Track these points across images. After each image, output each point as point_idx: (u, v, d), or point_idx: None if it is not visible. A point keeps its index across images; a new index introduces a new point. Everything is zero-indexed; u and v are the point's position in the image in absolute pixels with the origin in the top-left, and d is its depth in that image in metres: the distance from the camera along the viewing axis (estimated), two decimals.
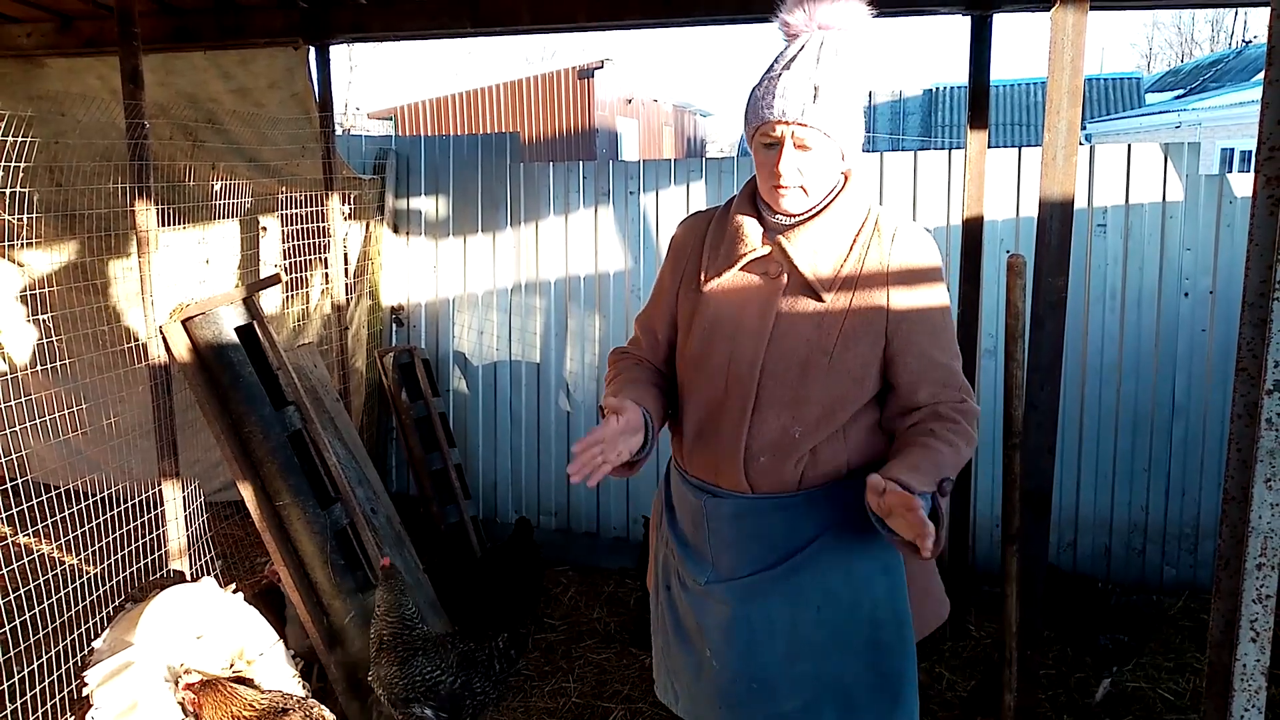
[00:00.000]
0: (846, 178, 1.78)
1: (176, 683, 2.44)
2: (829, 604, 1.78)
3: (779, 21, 1.72)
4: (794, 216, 1.74)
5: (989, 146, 3.48)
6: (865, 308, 1.70)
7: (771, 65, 1.69)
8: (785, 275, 1.74)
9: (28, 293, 4.31)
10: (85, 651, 2.62)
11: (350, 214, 4.29)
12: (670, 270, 1.93)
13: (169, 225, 3.77)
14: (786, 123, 1.64)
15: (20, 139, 2.71)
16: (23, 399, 2.87)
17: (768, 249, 1.75)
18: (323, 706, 2.50)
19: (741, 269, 1.78)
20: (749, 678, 1.79)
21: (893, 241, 1.72)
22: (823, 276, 1.71)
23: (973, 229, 3.48)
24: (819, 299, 1.71)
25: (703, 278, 1.82)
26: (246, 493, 3.05)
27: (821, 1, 1.66)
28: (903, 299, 1.70)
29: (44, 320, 3.17)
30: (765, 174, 1.71)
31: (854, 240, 1.73)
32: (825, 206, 1.74)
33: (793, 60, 1.65)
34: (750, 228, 1.77)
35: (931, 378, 1.72)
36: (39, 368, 3.19)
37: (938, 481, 1.60)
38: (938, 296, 1.74)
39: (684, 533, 1.92)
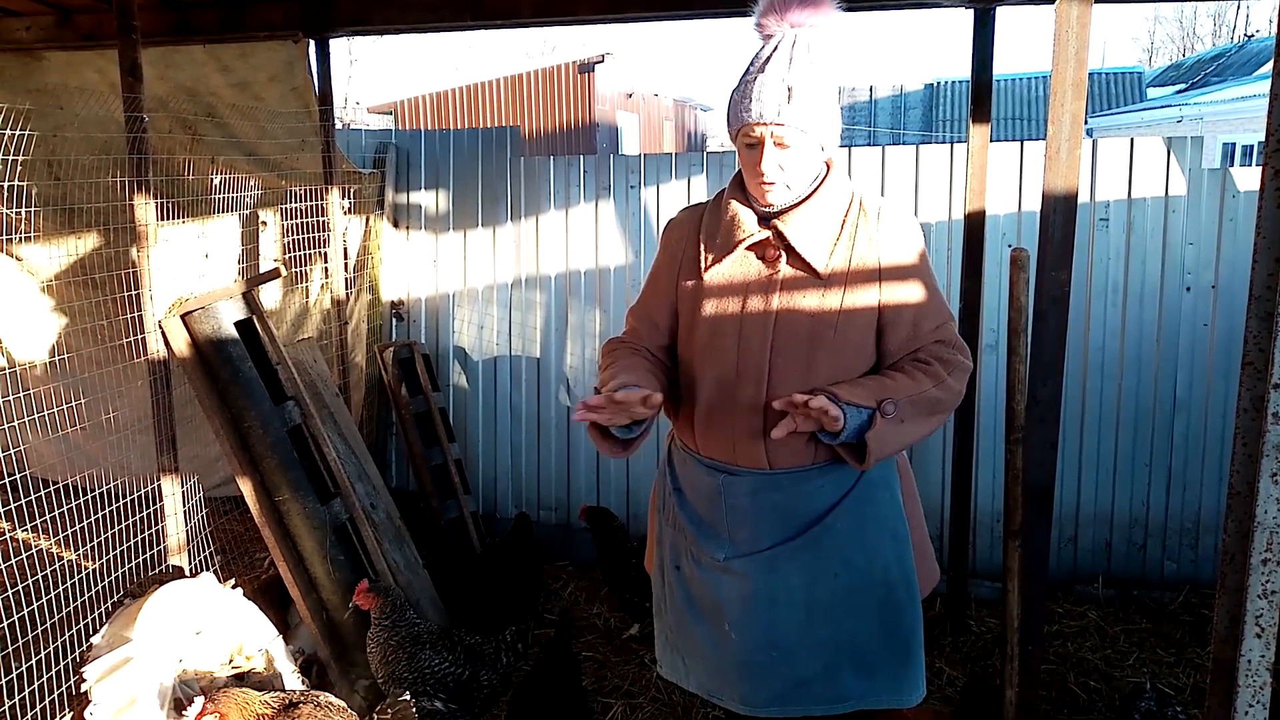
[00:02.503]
0: (829, 166, 1.88)
1: (180, 699, 2.42)
2: (845, 570, 1.87)
3: (754, 23, 1.81)
4: (780, 206, 1.84)
5: (991, 140, 3.46)
6: (860, 283, 1.81)
7: (747, 68, 1.79)
8: (783, 257, 1.83)
9: (26, 287, 4.29)
10: (84, 647, 2.62)
11: (350, 208, 4.28)
12: (666, 262, 2.00)
13: (168, 219, 3.76)
14: (764, 124, 1.74)
15: (19, 132, 2.69)
16: (21, 394, 2.86)
17: (765, 233, 1.84)
18: (329, 695, 2.49)
19: (741, 254, 1.86)
20: (770, 647, 1.88)
21: (879, 220, 1.84)
22: (819, 256, 1.81)
23: (975, 223, 3.46)
24: (818, 277, 1.81)
25: (703, 265, 1.89)
26: (246, 488, 3.04)
27: (792, 1, 1.75)
28: (892, 273, 1.82)
29: (42, 315, 3.16)
30: (749, 171, 1.83)
31: (843, 221, 1.84)
32: (813, 192, 1.84)
33: (766, 62, 1.75)
34: (745, 214, 1.86)
35: (920, 343, 1.85)
36: (37, 362, 3.18)
37: (878, 400, 1.75)
38: (923, 268, 1.87)
39: (697, 513, 1.97)
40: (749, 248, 1.85)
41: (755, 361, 1.81)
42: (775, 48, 1.75)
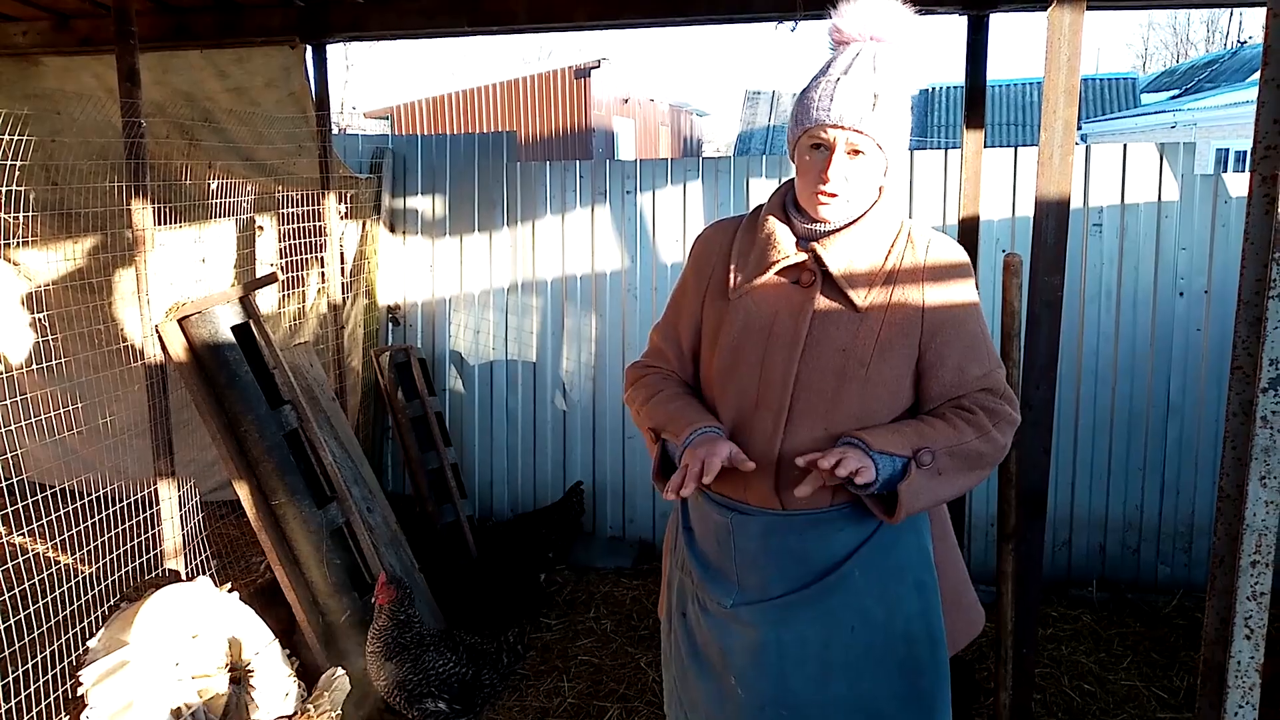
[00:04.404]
0: (881, 191, 1.74)
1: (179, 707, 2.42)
2: (863, 624, 1.72)
3: (829, 27, 1.69)
4: (829, 224, 1.70)
5: (985, 146, 3.49)
6: (900, 319, 1.67)
7: (827, 69, 1.66)
8: (819, 283, 1.69)
9: (23, 292, 4.30)
10: (80, 651, 2.62)
11: (347, 213, 4.29)
12: (693, 279, 1.87)
13: (165, 224, 3.76)
14: (843, 128, 1.60)
15: (16, 137, 2.70)
16: (17, 398, 2.87)
17: (802, 256, 1.70)
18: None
19: (774, 276, 1.72)
20: (779, 704, 1.72)
21: (926, 253, 1.70)
22: (858, 285, 1.67)
23: (969, 228, 3.49)
24: (854, 308, 1.67)
25: (732, 285, 1.76)
26: (242, 492, 3.05)
27: (877, 12, 1.64)
28: (936, 312, 1.68)
29: (39, 319, 3.16)
30: (809, 179, 1.66)
31: (888, 251, 1.70)
32: (860, 216, 1.70)
33: (850, 67, 1.62)
34: (783, 234, 1.72)
35: (965, 390, 1.70)
36: (34, 366, 3.18)
37: (914, 449, 1.60)
38: (972, 308, 1.72)
39: (705, 555, 1.84)
40: (783, 271, 1.71)
41: (776, 393, 1.68)
42: (857, 54, 1.64)
